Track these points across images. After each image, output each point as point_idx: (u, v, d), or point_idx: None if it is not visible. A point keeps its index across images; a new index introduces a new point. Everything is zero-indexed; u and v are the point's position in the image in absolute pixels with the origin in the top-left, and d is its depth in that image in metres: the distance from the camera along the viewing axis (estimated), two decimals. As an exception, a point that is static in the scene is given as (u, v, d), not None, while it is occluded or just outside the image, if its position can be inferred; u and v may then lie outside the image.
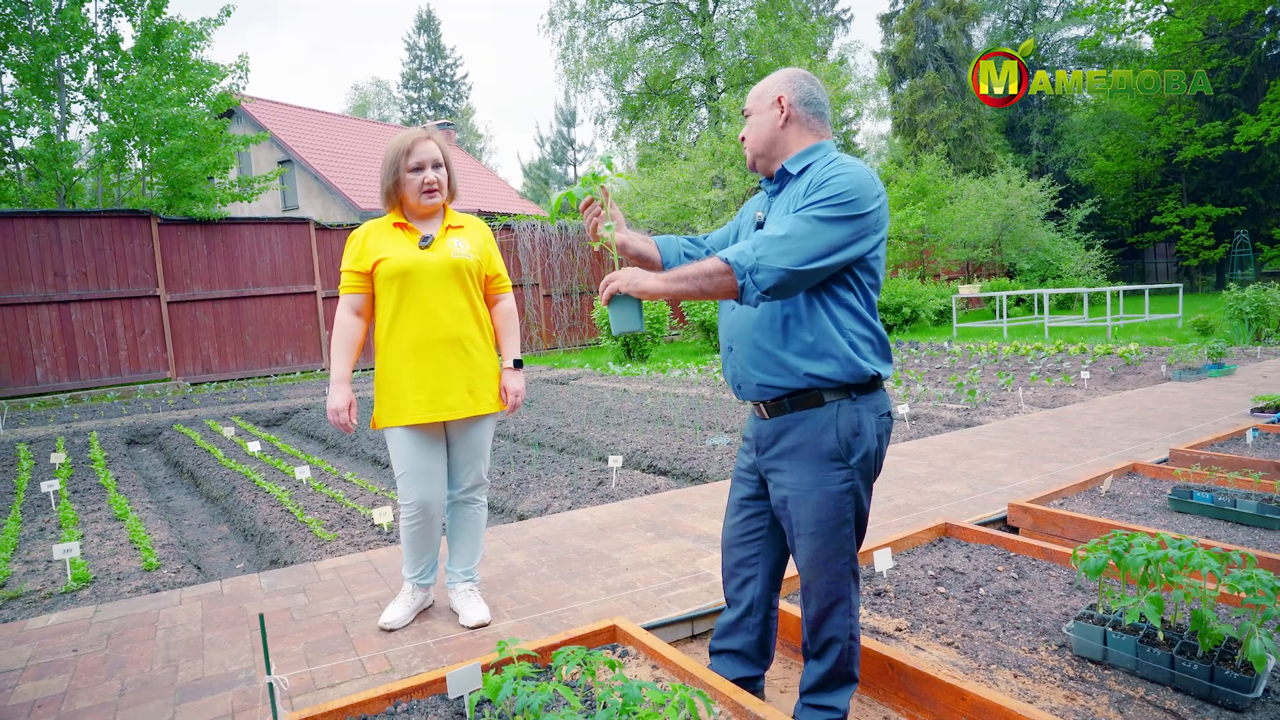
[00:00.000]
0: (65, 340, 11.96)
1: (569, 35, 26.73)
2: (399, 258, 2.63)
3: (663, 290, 1.85)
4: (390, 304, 2.65)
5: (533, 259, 17.14)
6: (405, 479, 2.69)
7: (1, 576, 3.61)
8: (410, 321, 2.65)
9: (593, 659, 1.79)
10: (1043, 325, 15.01)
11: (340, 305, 2.72)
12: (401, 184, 2.67)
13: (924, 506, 3.98)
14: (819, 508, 1.95)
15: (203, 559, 4.35)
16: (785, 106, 1.99)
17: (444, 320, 2.66)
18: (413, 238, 2.70)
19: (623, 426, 6.97)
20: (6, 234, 11.49)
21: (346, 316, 2.70)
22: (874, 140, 48.52)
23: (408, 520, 2.73)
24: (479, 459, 2.83)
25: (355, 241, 2.72)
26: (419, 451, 2.67)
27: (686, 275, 1.83)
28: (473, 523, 2.88)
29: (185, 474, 6.55)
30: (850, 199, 1.81)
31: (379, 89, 50.90)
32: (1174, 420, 5.82)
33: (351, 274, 2.69)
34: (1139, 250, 32.30)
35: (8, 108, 12.89)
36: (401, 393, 2.64)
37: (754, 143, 2.05)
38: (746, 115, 2.07)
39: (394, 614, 2.80)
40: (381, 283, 2.66)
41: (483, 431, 2.82)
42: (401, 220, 2.71)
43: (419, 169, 2.65)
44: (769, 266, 1.76)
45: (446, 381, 2.67)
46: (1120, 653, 2.23)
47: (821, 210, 1.80)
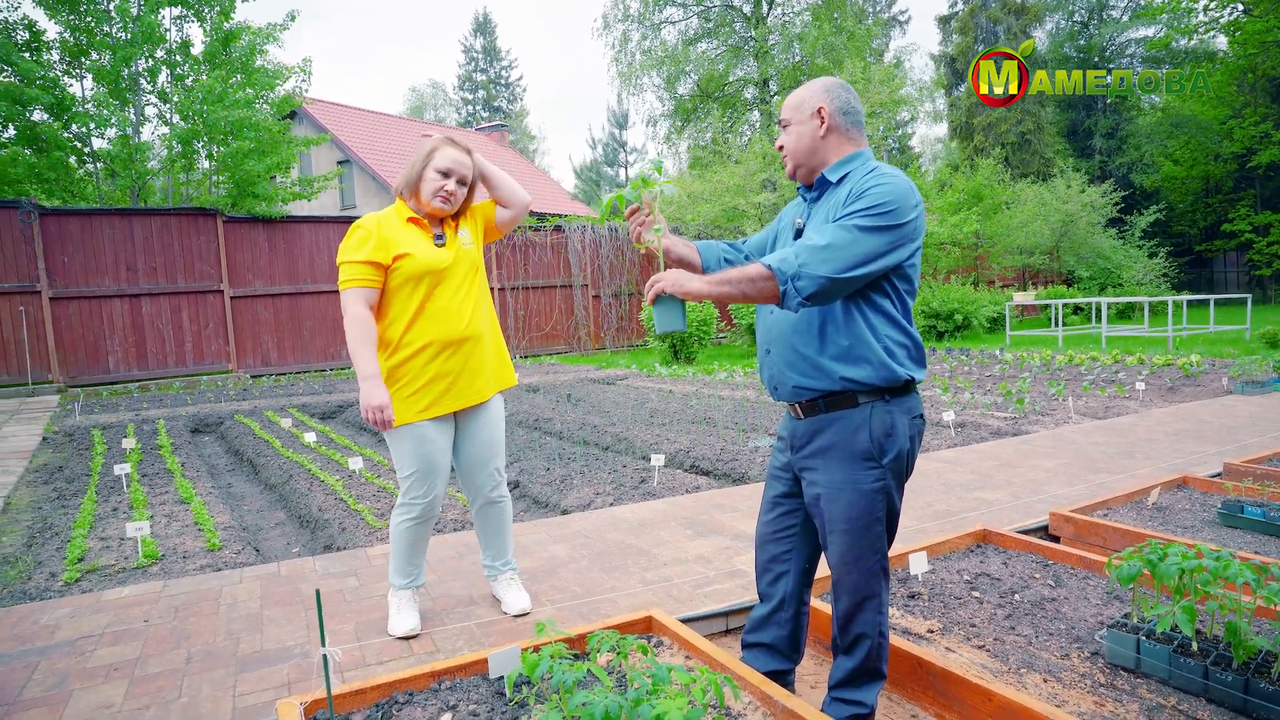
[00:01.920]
0: (136, 332, 12.53)
1: (622, 38, 26.90)
2: (424, 256, 2.61)
3: (706, 292, 1.91)
4: (414, 301, 2.61)
5: (583, 260, 17.33)
6: (418, 476, 2.69)
7: (80, 551, 3.85)
8: (436, 319, 2.63)
9: (626, 644, 1.87)
10: (1100, 335, 14.62)
11: (352, 299, 2.56)
12: (422, 179, 2.64)
13: (964, 513, 3.97)
14: (851, 505, 2.00)
15: (261, 542, 4.56)
16: (826, 117, 2.04)
17: (465, 315, 2.69)
18: (427, 235, 2.68)
19: (667, 427, 7.05)
20: (85, 230, 12.10)
21: (362, 310, 2.56)
22: (930, 144, 47.72)
23: (412, 521, 2.73)
24: (496, 454, 2.85)
25: (367, 232, 2.59)
26: (435, 450, 2.69)
27: (730, 279, 1.88)
28: (503, 518, 2.93)
29: (245, 462, 6.83)
30: (890, 209, 1.87)
31: (435, 90, 51.96)
32: (1231, 434, 5.66)
33: (367, 266, 2.56)
34: (1207, 259, 31.14)
35: (88, 110, 13.54)
36: (429, 385, 2.64)
37: (795, 153, 2.09)
38: (784, 125, 2.11)
39: (409, 621, 2.76)
40: (403, 279, 2.59)
41: (498, 421, 2.87)
42: (415, 215, 2.68)
43: (446, 174, 2.64)
44: (810, 274, 1.81)
45: (472, 371, 2.72)
46: (1153, 661, 2.23)
47: (862, 219, 1.85)
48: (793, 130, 2.09)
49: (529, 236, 16.61)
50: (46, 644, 2.77)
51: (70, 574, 3.54)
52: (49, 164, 13.14)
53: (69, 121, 13.29)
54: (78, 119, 13.18)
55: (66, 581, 3.50)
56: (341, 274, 2.60)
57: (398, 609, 2.80)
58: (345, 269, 2.58)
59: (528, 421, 7.99)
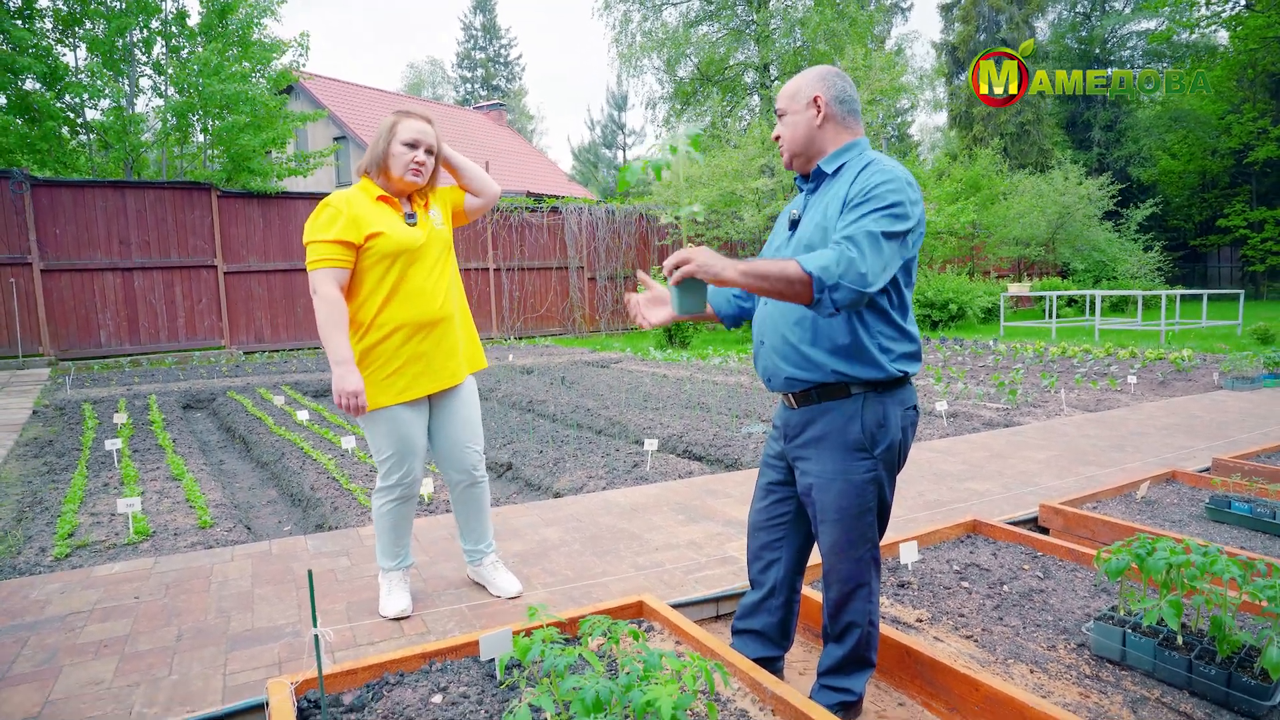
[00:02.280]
0: (128, 306, 12.46)
1: (623, 19, 26.66)
2: (397, 236, 2.57)
3: (737, 281, 1.80)
4: (387, 282, 2.57)
5: (579, 241, 17.28)
6: (396, 458, 2.68)
7: (71, 526, 3.85)
8: (410, 300, 2.60)
9: (617, 629, 1.88)
10: (1093, 327, 14.67)
11: (322, 279, 2.48)
12: (390, 155, 2.59)
13: (955, 503, 3.99)
14: (842, 495, 2.01)
15: (253, 520, 4.56)
16: (822, 106, 2.02)
17: (438, 295, 2.67)
18: (398, 214, 2.64)
19: (660, 411, 7.06)
20: (78, 202, 11.99)
21: (333, 292, 2.49)
22: (929, 132, 47.53)
23: (394, 503, 2.73)
24: (474, 437, 2.83)
25: (336, 210, 2.51)
26: (411, 432, 2.68)
27: (767, 274, 1.78)
28: (482, 500, 2.91)
29: (237, 439, 6.82)
30: (904, 209, 1.86)
31: (434, 68, 51.50)
32: (1221, 429, 5.70)
33: (338, 245, 2.49)
34: (1202, 253, 31.21)
35: (81, 80, 13.38)
36: (403, 368, 2.62)
37: (791, 143, 2.08)
38: (780, 115, 2.09)
39: (401, 602, 2.76)
40: (376, 258, 2.54)
41: (474, 403, 2.85)
42: (384, 194, 2.63)
43: (413, 146, 2.60)
44: (849, 286, 1.76)
45: (444, 352, 2.70)
46: (1138, 654, 2.26)
47: (884, 223, 1.82)
48: (789, 120, 2.07)
49: (525, 217, 16.54)
50: (36, 619, 2.77)
51: (60, 549, 3.54)
52: (41, 134, 13.00)
53: (62, 91, 13.13)
54: (71, 89, 13.02)
55: (57, 557, 3.50)
56: (310, 253, 2.51)
57: (388, 590, 2.81)
58: (314, 248, 2.50)
59: (521, 403, 7.98)
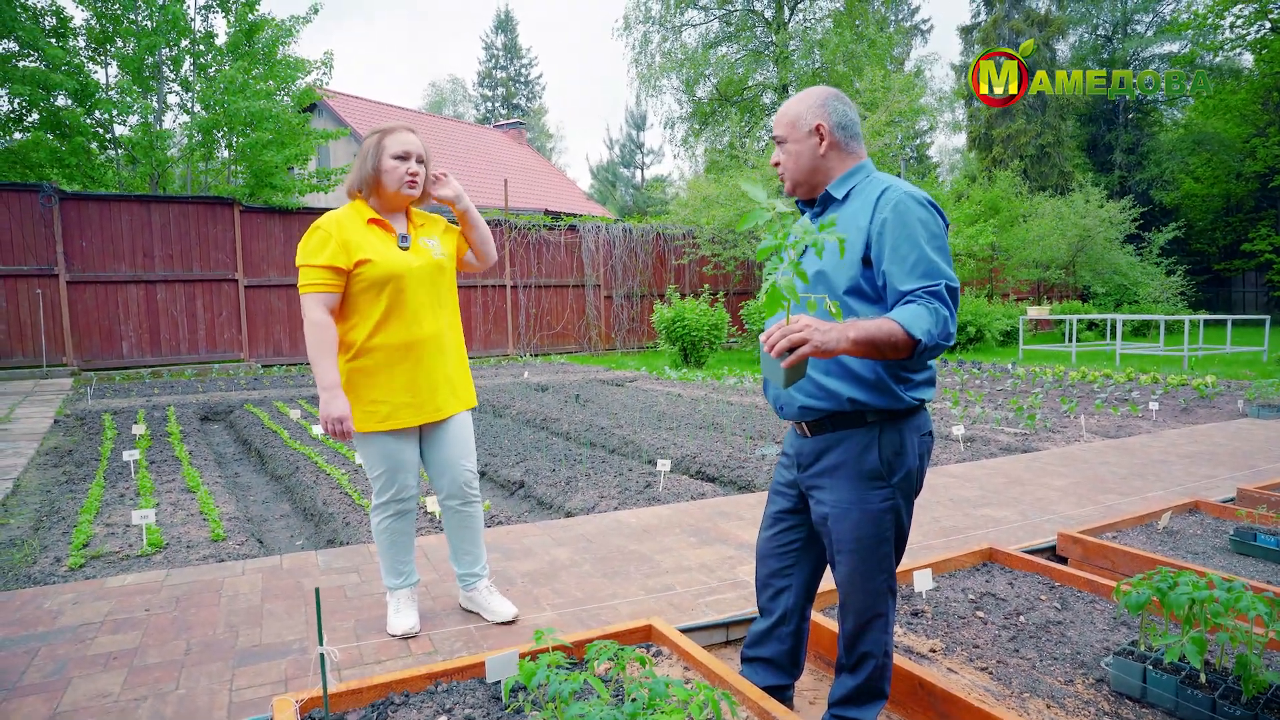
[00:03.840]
0: (150, 318, 12.63)
1: (643, 39, 26.90)
2: (388, 261, 2.54)
3: (851, 352, 1.71)
4: (378, 308, 2.55)
5: (595, 260, 17.34)
6: (386, 475, 2.67)
7: (86, 536, 3.87)
8: (399, 326, 2.58)
9: (624, 654, 1.86)
10: (1114, 352, 14.51)
11: (311, 304, 2.51)
12: (382, 171, 2.56)
13: (971, 530, 3.93)
14: (859, 525, 1.97)
15: (265, 534, 4.57)
16: (825, 134, 1.98)
17: (432, 324, 2.64)
18: (391, 237, 2.61)
19: (674, 431, 7.03)
20: (104, 215, 12.20)
21: (322, 316, 2.51)
22: (948, 154, 47.50)
23: (390, 518, 2.72)
24: (468, 454, 2.79)
25: (326, 234, 2.51)
26: (399, 449, 2.66)
27: (877, 343, 1.71)
28: (474, 523, 2.84)
29: (253, 452, 6.86)
30: (944, 236, 1.87)
31: (455, 86, 52.15)
32: (1245, 458, 5.59)
33: (327, 270, 2.49)
34: (1226, 278, 30.86)
35: (111, 97, 13.66)
36: (388, 396, 2.60)
37: (794, 172, 2.03)
38: (780, 142, 2.03)
39: (409, 620, 2.74)
40: (365, 285, 2.53)
41: (467, 426, 2.80)
42: (376, 216, 2.61)
43: (404, 158, 2.57)
44: (943, 345, 1.76)
45: (432, 383, 2.65)
46: (1160, 692, 2.20)
47: (939, 257, 1.82)
48: (790, 148, 2.02)
49: (543, 235, 16.63)
50: (48, 630, 2.78)
51: (75, 559, 3.56)
52: (71, 149, 13.27)
53: (92, 107, 13.42)
54: (101, 105, 13.30)
55: (71, 567, 3.52)
56: (301, 277, 2.53)
57: (396, 608, 2.79)
58: (304, 273, 2.51)
59: (535, 421, 7.98)
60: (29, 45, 12.71)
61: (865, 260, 1.89)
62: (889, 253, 1.84)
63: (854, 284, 1.90)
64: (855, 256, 1.90)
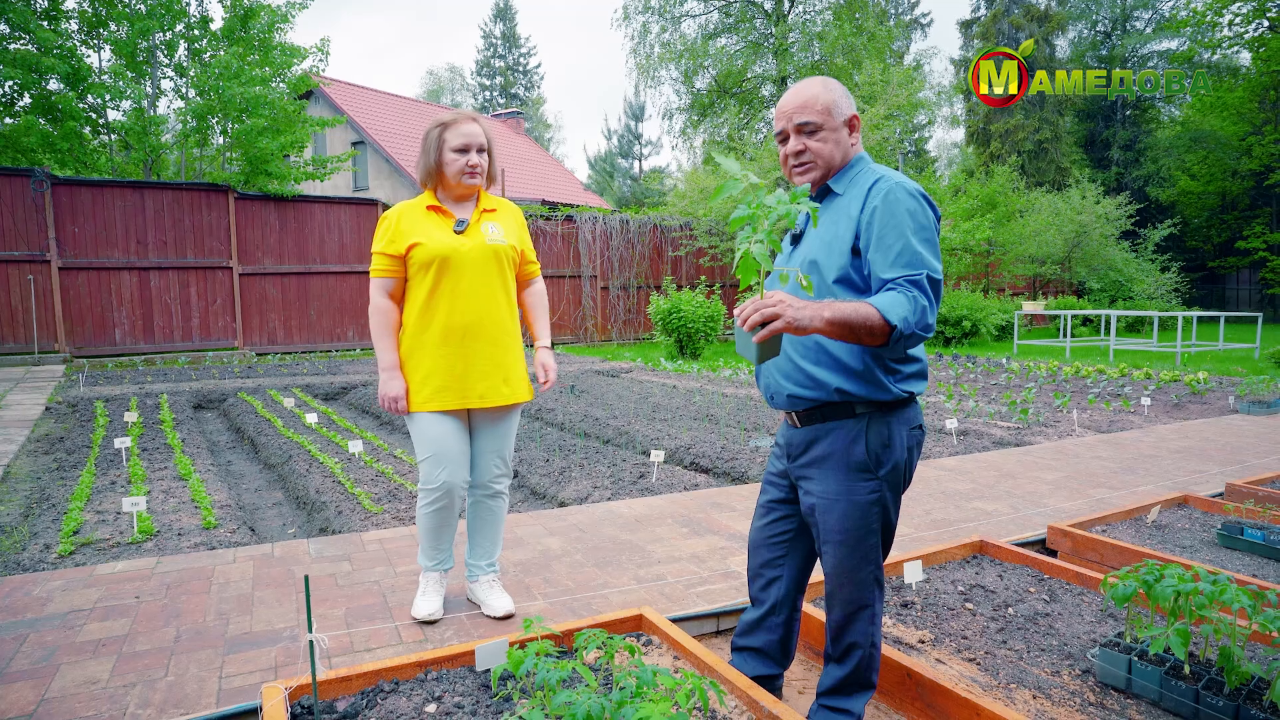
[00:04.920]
0: (143, 305, 12.57)
1: (642, 30, 26.78)
2: (435, 243, 2.59)
3: (825, 331, 1.71)
4: (424, 289, 2.61)
5: (592, 251, 17.31)
6: (431, 461, 2.67)
7: (76, 523, 3.86)
8: (445, 308, 2.61)
9: (613, 643, 1.86)
10: (1108, 347, 14.55)
11: (374, 289, 2.67)
12: (444, 164, 2.63)
13: (962, 522, 3.95)
14: (846, 517, 1.98)
15: (257, 522, 4.57)
16: (856, 126, 1.99)
17: (479, 308, 2.64)
18: (448, 222, 2.66)
19: (669, 422, 7.04)
20: (97, 201, 12.13)
21: (383, 301, 2.66)
22: (946, 148, 47.43)
23: (431, 504, 2.71)
24: (505, 448, 2.81)
25: (388, 224, 2.65)
26: (446, 435, 2.65)
27: (852, 324, 1.71)
28: (495, 515, 2.85)
29: (246, 440, 6.85)
30: (933, 228, 1.85)
31: (453, 75, 51.92)
32: (1235, 454, 5.62)
33: (384, 257, 2.63)
34: (1220, 275, 30.95)
35: (104, 81, 13.55)
36: (433, 378, 2.62)
37: (828, 160, 1.98)
38: (811, 131, 1.97)
39: (431, 604, 2.75)
40: (416, 268, 2.61)
41: (512, 420, 2.81)
42: (435, 203, 2.67)
43: (464, 150, 2.62)
44: (920, 334, 1.75)
45: (478, 369, 2.65)
46: (1144, 683, 2.21)
47: (924, 248, 1.81)
48: (825, 136, 1.97)
49: (540, 225, 16.59)
50: (37, 616, 2.78)
51: (65, 546, 3.55)
52: (63, 134, 13.16)
53: (85, 92, 13.30)
54: (93, 90, 13.18)
55: (61, 554, 3.51)
56: (371, 264, 2.70)
57: (423, 590, 2.81)
58: (372, 259, 2.68)
59: (529, 411, 7.98)
60: (20, 28, 12.57)
61: (855, 250, 1.89)
62: (875, 241, 1.84)
63: (843, 273, 1.90)
64: (845, 246, 1.90)
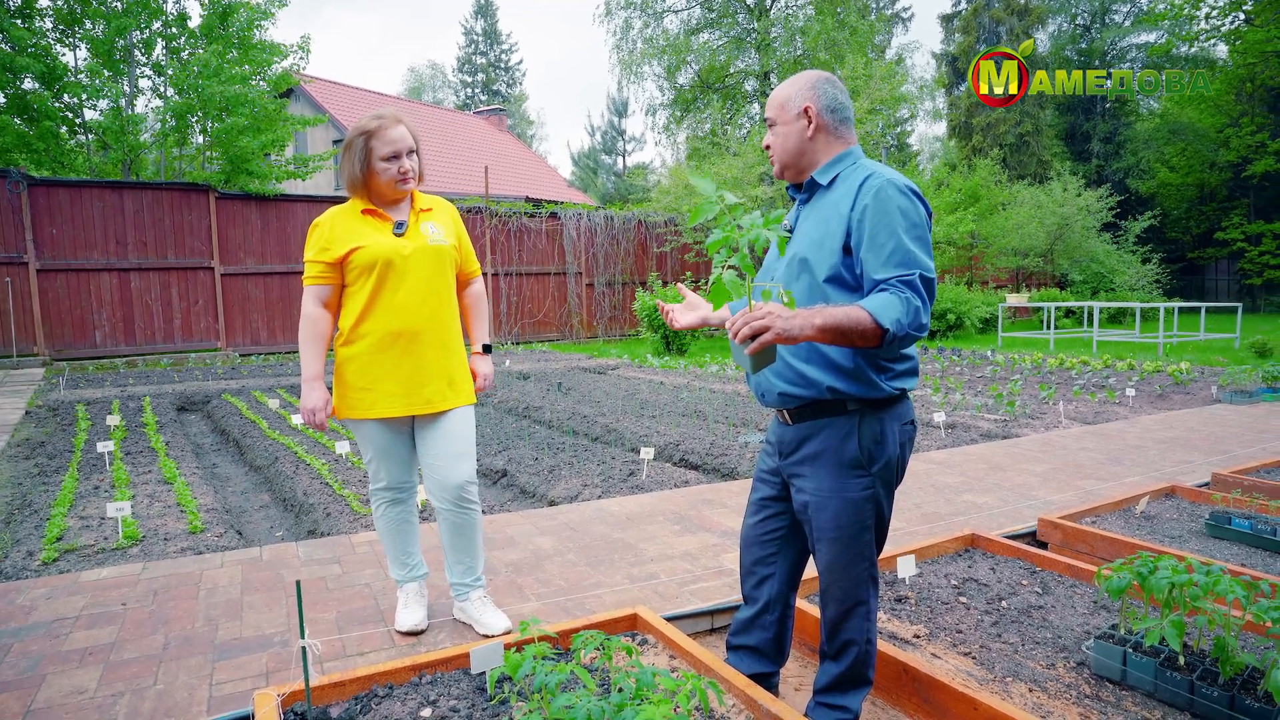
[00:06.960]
0: (124, 306, 12.41)
1: (624, 25, 26.71)
2: (376, 246, 2.49)
3: (816, 339, 1.70)
4: (364, 294, 2.50)
5: (577, 248, 17.26)
6: (374, 463, 2.63)
7: (59, 530, 3.80)
8: (387, 312, 2.51)
9: (610, 644, 1.85)
10: (1091, 339, 14.67)
11: (306, 298, 2.55)
12: (375, 173, 2.51)
13: (953, 516, 3.96)
14: (839, 514, 1.97)
15: (244, 525, 4.51)
16: (813, 116, 1.96)
17: (424, 311, 2.54)
18: (386, 225, 2.55)
19: (657, 419, 7.02)
20: (75, 202, 11.95)
21: (315, 309, 2.54)
22: (928, 142, 47.68)
23: (384, 505, 2.67)
24: (465, 455, 2.63)
25: (320, 230, 2.54)
26: (389, 438, 2.61)
27: (844, 330, 1.69)
28: (470, 530, 2.66)
29: (231, 442, 6.77)
30: (925, 226, 1.84)
31: (434, 72, 51.57)
32: (1220, 443, 5.68)
33: (318, 264, 2.51)
34: (1199, 266, 31.30)
35: (81, 80, 13.35)
36: (374, 384, 2.53)
37: (782, 154, 2.02)
38: (770, 124, 2.03)
39: (414, 616, 2.67)
40: (356, 272, 2.50)
41: (464, 423, 2.65)
42: (370, 207, 2.55)
43: (394, 158, 2.50)
44: (914, 335, 1.73)
45: (423, 374, 2.55)
46: (1139, 674, 2.22)
47: (916, 247, 1.79)
48: (779, 130, 2.01)
49: (524, 222, 16.52)
50: (21, 625, 2.73)
51: (48, 553, 3.49)
52: (39, 133, 12.97)
53: (60, 91, 13.11)
54: (69, 89, 12.99)
55: (44, 561, 3.45)
56: (304, 272, 2.59)
57: (403, 604, 2.73)
58: (305, 267, 2.56)
59: (517, 409, 7.95)
60: (-7, 26, 12.38)
61: (846, 249, 1.88)
62: (867, 240, 1.82)
63: (834, 272, 1.89)
64: (836, 244, 1.88)
